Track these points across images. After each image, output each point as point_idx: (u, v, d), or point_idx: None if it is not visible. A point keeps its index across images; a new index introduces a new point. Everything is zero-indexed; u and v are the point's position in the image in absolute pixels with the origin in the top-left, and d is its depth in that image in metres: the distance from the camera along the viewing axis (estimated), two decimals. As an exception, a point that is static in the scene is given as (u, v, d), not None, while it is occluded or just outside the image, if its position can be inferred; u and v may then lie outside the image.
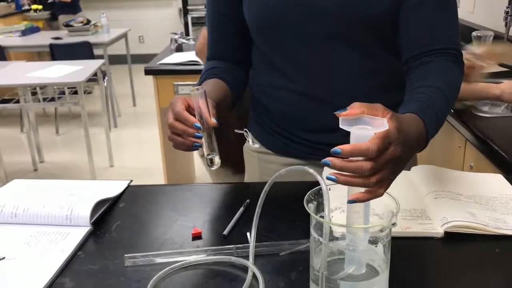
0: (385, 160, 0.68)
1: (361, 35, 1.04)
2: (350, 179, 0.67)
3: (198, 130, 0.89)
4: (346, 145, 0.66)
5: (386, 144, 0.67)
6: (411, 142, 0.75)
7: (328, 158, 0.67)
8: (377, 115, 0.70)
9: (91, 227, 0.96)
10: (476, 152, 1.55)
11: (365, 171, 0.66)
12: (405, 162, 0.74)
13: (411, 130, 0.76)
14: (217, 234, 0.95)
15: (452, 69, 0.99)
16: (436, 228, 0.92)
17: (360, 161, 0.67)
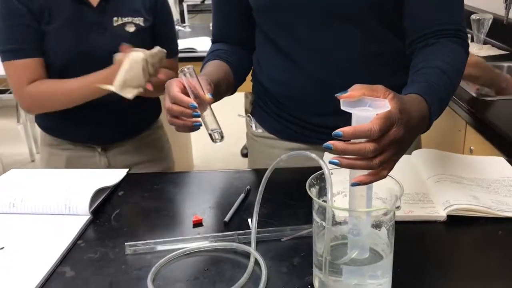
0: (388, 141, 0.67)
1: (365, 15, 1.03)
2: (353, 162, 0.66)
3: (195, 109, 0.88)
4: (347, 127, 0.65)
5: (388, 125, 0.66)
6: (414, 123, 0.74)
7: (329, 142, 0.66)
8: (378, 96, 0.69)
9: (90, 216, 0.95)
10: (476, 136, 1.54)
11: (368, 152, 0.65)
12: (408, 143, 0.73)
13: (414, 111, 0.75)
14: (218, 220, 0.94)
15: (457, 50, 0.98)
16: (439, 211, 0.91)
17: (362, 143, 0.65)
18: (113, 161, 1.50)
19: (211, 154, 3.58)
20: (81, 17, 1.32)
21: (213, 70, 1.08)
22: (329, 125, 1.15)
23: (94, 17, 1.34)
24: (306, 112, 1.15)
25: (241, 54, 1.20)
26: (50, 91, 1.33)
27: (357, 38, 1.06)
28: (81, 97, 1.32)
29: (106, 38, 1.34)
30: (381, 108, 0.65)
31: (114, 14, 1.35)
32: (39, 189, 1.00)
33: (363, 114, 0.65)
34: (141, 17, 1.39)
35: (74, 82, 1.31)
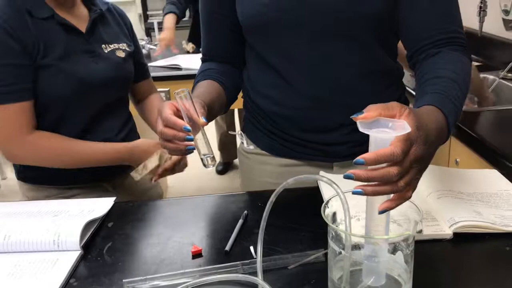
0: (410, 162, 0.65)
1: (359, 33, 1.01)
2: (378, 189, 0.63)
3: (188, 133, 0.85)
4: (368, 153, 0.62)
5: (409, 145, 0.64)
6: (433, 137, 0.72)
7: (350, 171, 0.63)
8: (394, 114, 0.66)
9: (81, 251, 0.89)
10: (462, 147, 1.55)
11: (392, 176, 0.63)
12: (429, 158, 0.71)
13: (431, 124, 0.73)
14: (218, 250, 0.89)
15: (460, 58, 0.97)
16: (444, 229, 0.90)
17: (385, 168, 0.63)
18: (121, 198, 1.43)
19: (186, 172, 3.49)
20: (75, 46, 1.29)
21: (205, 91, 1.05)
22: (322, 141, 1.14)
23: (86, 45, 1.31)
24: (299, 129, 1.13)
25: (232, 73, 1.17)
26: (57, 148, 1.27)
27: (350, 55, 1.04)
28: (89, 163, 1.30)
29: (101, 65, 1.32)
30: (401, 130, 0.62)
31: (101, 41, 1.35)
32: (23, 224, 0.93)
33: (383, 136, 0.62)
34: (124, 43, 1.41)
35: (85, 145, 1.29)
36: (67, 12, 1.30)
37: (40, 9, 1.24)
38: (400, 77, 1.16)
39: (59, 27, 1.26)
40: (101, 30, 1.36)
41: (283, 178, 1.16)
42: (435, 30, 0.99)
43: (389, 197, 0.67)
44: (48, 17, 1.24)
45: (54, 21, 1.25)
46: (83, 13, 1.34)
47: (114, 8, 1.46)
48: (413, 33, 1.01)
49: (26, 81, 1.21)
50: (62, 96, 1.25)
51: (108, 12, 1.42)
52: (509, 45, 2.18)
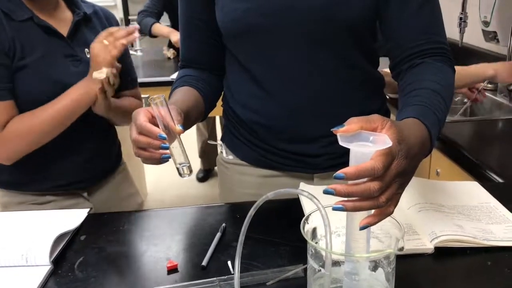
0: (391, 176, 0.63)
1: (340, 40, 1.00)
2: (359, 204, 0.62)
3: (164, 141, 0.82)
4: (349, 167, 0.60)
5: (390, 159, 0.62)
6: (415, 151, 0.70)
7: (329, 186, 0.61)
8: (375, 127, 0.65)
9: (51, 266, 0.85)
10: (442, 158, 1.55)
11: (373, 192, 0.61)
12: (411, 172, 0.70)
13: (413, 137, 0.71)
14: (195, 265, 0.86)
15: (444, 68, 0.96)
16: (425, 243, 0.88)
17: (366, 183, 0.61)
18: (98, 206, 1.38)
19: (165, 179, 3.46)
20: (55, 50, 1.26)
21: (183, 98, 1.02)
22: (302, 152, 1.12)
23: (67, 49, 1.28)
24: (279, 139, 1.11)
25: (211, 80, 1.14)
26: (25, 128, 1.20)
27: (331, 64, 1.03)
28: (60, 122, 1.22)
29: (81, 69, 1.27)
30: (382, 144, 0.61)
31: (84, 45, 1.31)
32: (-10, 238, 0.89)
33: (363, 150, 0.61)
34: None
35: (44, 110, 1.21)
36: (49, 15, 1.27)
37: (18, 11, 1.21)
38: (381, 87, 1.15)
39: (39, 29, 1.24)
40: (84, 34, 1.32)
41: (263, 189, 1.15)
42: (419, 40, 0.98)
43: (370, 213, 0.65)
44: (27, 19, 1.22)
45: (33, 23, 1.22)
46: (67, 17, 1.31)
47: (102, 10, 1.42)
48: (397, 42, 1.00)
49: (4, 81, 1.19)
50: (38, 99, 1.22)
51: (95, 15, 1.38)
52: (488, 56, 2.20)
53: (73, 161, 1.32)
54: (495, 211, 1.00)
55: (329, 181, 1.13)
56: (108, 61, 1.21)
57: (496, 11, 1.95)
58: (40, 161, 1.28)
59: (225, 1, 1.01)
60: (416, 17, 0.97)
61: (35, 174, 1.29)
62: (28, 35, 1.22)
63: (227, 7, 1.01)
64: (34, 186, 1.31)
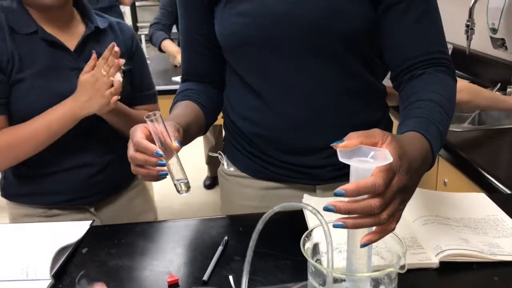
0: (392, 192, 0.62)
1: (338, 51, 0.99)
2: (359, 221, 0.60)
3: (161, 158, 0.81)
4: (349, 184, 0.59)
5: (391, 175, 0.61)
6: (416, 165, 0.69)
7: (330, 203, 0.60)
8: (376, 142, 0.64)
9: (52, 280, 0.85)
10: (449, 168, 1.53)
11: (374, 209, 0.60)
12: (413, 188, 0.69)
13: (415, 151, 0.70)
14: (196, 279, 0.85)
15: (445, 79, 0.95)
16: (430, 258, 0.86)
17: (367, 200, 0.60)
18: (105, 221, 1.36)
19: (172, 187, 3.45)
20: (59, 63, 1.23)
21: (182, 112, 1.02)
22: (302, 164, 1.11)
23: (73, 63, 1.25)
24: (279, 150, 1.10)
25: (212, 93, 1.14)
26: (13, 138, 1.18)
27: (330, 75, 1.02)
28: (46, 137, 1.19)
29: None
30: (383, 160, 0.59)
31: None
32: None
33: (364, 166, 0.60)
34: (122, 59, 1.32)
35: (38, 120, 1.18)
36: (60, 28, 1.26)
37: (23, 24, 1.21)
38: (382, 96, 1.14)
39: (43, 43, 1.22)
40: (94, 48, 1.27)
41: (265, 201, 1.15)
42: (420, 51, 0.97)
43: (371, 229, 0.64)
44: (32, 32, 1.21)
45: (37, 37, 1.21)
46: (79, 30, 1.30)
47: (118, 24, 1.39)
48: (398, 53, 0.99)
49: (2, 97, 1.18)
50: (36, 113, 1.20)
51: (110, 29, 1.35)
52: (496, 63, 2.17)
53: (78, 176, 1.31)
54: (503, 224, 0.98)
55: (331, 193, 1.11)
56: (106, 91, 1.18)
57: (504, 18, 1.93)
58: (45, 174, 1.28)
59: (224, 15, 1.01)
60: (416, 27, 0.96)
61: (40, 187, 1.29)
62: (29, 48, 1.21)
63: (225, 21, 1.01)
64: (41, 200, 1.31)
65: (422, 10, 0.96)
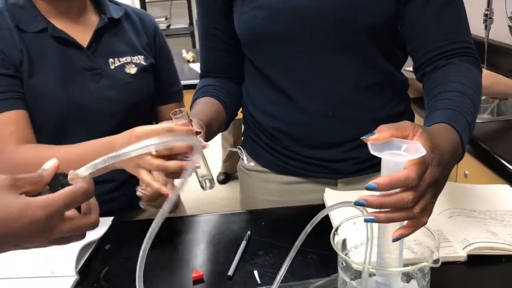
0: (425, 186, 0.61)
1: (360, 44, 0.98)
2: (392, 215, 0.59)
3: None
4: (381, 177, 0.58)
5: (424, 168, 0.60)
6: (448, 158, 0.68)
7: (361, 197, 0.59)
8: (407, 134, 0.62)
9: (77, 277, 0.85)
10: (470, 159, 1.50)
11: (407, 202, 0.59)
12: (444, 180, 0.67)
13: (445, 143, 0.69)
14: (220, 275, 0.85)
15: (470, 69, 0.93)
16: (458, 251, 0.85)
17: (399, 193, 0.59)
18: None
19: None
20: (71, 63, 1.11)
21: (204, 109, 1.02)
22: (324, 158, 1.10)
23: (87, 62, 1.12)
24: (299, 145, 1.09)
25: (231, 88, 1.14)
26: (36, 158, 1.01)
27: (351, 68, 1.01)
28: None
29: (103, 84, 1.13)
30: (415, 153, 0.58)
31: (109, 55, 1.15)
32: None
33: (396, 160, 0.58)
34: (141, 55, 1.19)
35: (68, 149, 1.02)
36: (71, 21, 1.13)
37: (31, 22, 1.09)
38: (404, 89, 1.12)
39: (54, 41, 1.10)
40: (109, 42, 1.16)
41: (285, 196, 1.14)
42: (444, 41, 0.95)
43: (403, 223, 0.63)
44: (41, 30, 1.09)
45: (47, 35, 1.09)
46: (93, 22, 1.16)
47: (136, 12, 1.24)
48: (421, 44, 0.97)
49: (15, 91, 1.06)
50: (53, 122, 1.10)
51: (126, 18, 1.21)
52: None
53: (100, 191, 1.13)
54: (530, 216, 0.96)
55: (353, 186, 1.11)
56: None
57: (523, 7, 1.90)
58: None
59: (243, 9, 1.00)
60: (439, 17, 0.94)
61: None
62: (40, 48, 1.09)
63: (244, 15, 1.00)
64: None
65: (444, 0, 0.94)
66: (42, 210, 0.52)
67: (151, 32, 1.24)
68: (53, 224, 0.53)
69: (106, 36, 1.16)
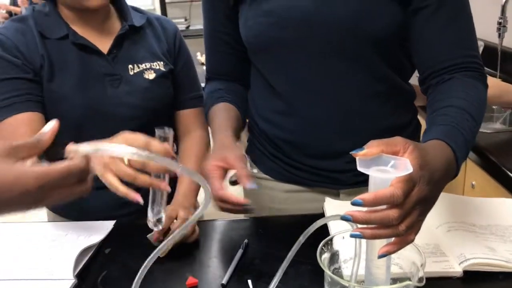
0: (412, 203, 0.61)
1: (366, 53, 0.97)
2: (377, 232, 0.60)
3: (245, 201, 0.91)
4: (367, 194, 0.58)
5: (411, 186, 0.60)
6: (438, 176, 0.67)
7: (347, 213, 0.59)
8: (397, 151, 0.62)
9: (75, 280, 0.86)
10: (478, 170, 1.49)
11: (392, 220, 0.59)
12: (434, 199, 0.67)
13: (437, 161, 0.68)
14: (214, 282, 0.86)
15: (475, 84, 0.91)
16: (453, 266, 0.85)
17: (385, 210, 0.59)
18: None
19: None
20: (91, 68, 1.14)
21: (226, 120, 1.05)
22: (326, 168, 1.10)
23: (107, 68, 1.15)
24: (303, 154, 1.09)
25: (240, 90, 1.15)
26: None
27: (357, 77, 1.00)
28: None
29: (122, 89, 1.15)
30: (403, 170, 0.58)
31: (129, 61, 1.18)
32: (18, 250, 0.91)
33: (382, 176, 0.58)
34: (161, 61, 1.22)
35: None
36: (94, 29, 1.17)
37: (54, 29, 1.13)
38: (410, 99, 1.11)
39: (74, 47, 1.13)
40: (129, 49, 1.19)
41: (287, 204, 1.14)
42: (449, 55, 0.94)
43: (390, 240, 0.63)
44: (63, 37, 1.13)
45: (68, 41, 1.13)
46: (116, 29, 1.19)
47: (158, 20, 1.27)
48: (427, 57, 0.96)
49: (32, 94, 1.10)
50: (72, 127, 1.12)
51: (148, 25, 1.24)
52: (530, 61, 2.11)
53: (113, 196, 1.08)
54: (531, 232, 0.95)
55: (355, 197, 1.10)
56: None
57: (538, 15, 1.87)
58: None
59: (248, 15, 1.00)
60: (445, 31, 0.93)
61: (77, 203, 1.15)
62: (61, 54, 1.13)
63: (250, 21, 1.00)
64: (76, 216, 1.19)
65: (453, 12, 0.93)
66: (34, 180, 0.52)
67: (172, 37, 1.27)
68: (45, 194, 0.54)
69: (126, 42, 1.19)
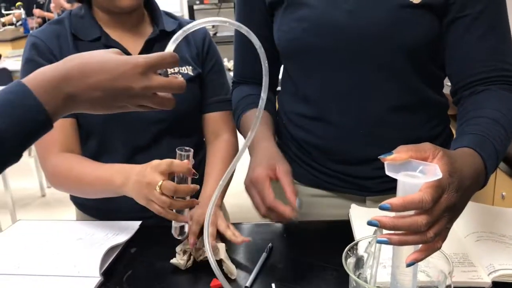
0: (440, 210, 0.60)
1: (399, 64, 0.97)
2: (405, 238, 0.59)
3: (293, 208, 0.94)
4: (395, 198, 0.58)
5: (440, 192, 0.59)
6: (467, 184, 0.66)
7: (374, 218, 0.58)
8: (426, 157, 0.62)
9: (101, 278, 0.88)
10: (508, 180, 1.46)
11: (421, 226, 0.58)
12: (462, 206, 0.66)
13: (466, 170, 0.67)
14: (239, 285, 0.86)
15: (509, 97, 0.90)
16: (482, 277, 0.83)
17: (413, 216, 0.58)
18: None
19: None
20: None
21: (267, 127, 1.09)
22: (354, 174, 1.09)
23: None
24: (330, 159, 1.09)
25: (270, 98, 1.16)
26: (64, 170, 1.07)
27: (388, 87, 0.99)
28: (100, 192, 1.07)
29: None
30: (432, 175, 0.58)
31: None
32: (46, 246, 0.93)
33: (411, 181, 0.58)
34: (189, 66, 1.23)
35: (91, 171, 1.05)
36: (127, 32, 1.19)
37: (87, 31, 1.16)
38: (443, 111, 1.09)
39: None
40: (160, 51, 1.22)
41: (313, 208, 1.14)
42: (484, 67, 0.92)
43: (417, 246, 0.62)
44: (95, 39, 1.15)
45: (100, 44, 1.15)
46: (146, 34, 1.21)
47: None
48: (460, 68, 0.95)
49: None
50: (99, 128, 1.15)
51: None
52: None
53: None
54: None
55: None
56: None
57: None
58: None
59: (283, 20, 1.01)
60: (481, 42, 0.91)
61: (106, 203, 1.13)
62: None
63: (284, 26, 1.01)
64: (104, 215, 1.19)
65: (489, 24, 0.92)
66: (143, 58, 0.66)
67: (200, 41, 1.27)
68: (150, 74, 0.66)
69: (156, 46, 1.20)
